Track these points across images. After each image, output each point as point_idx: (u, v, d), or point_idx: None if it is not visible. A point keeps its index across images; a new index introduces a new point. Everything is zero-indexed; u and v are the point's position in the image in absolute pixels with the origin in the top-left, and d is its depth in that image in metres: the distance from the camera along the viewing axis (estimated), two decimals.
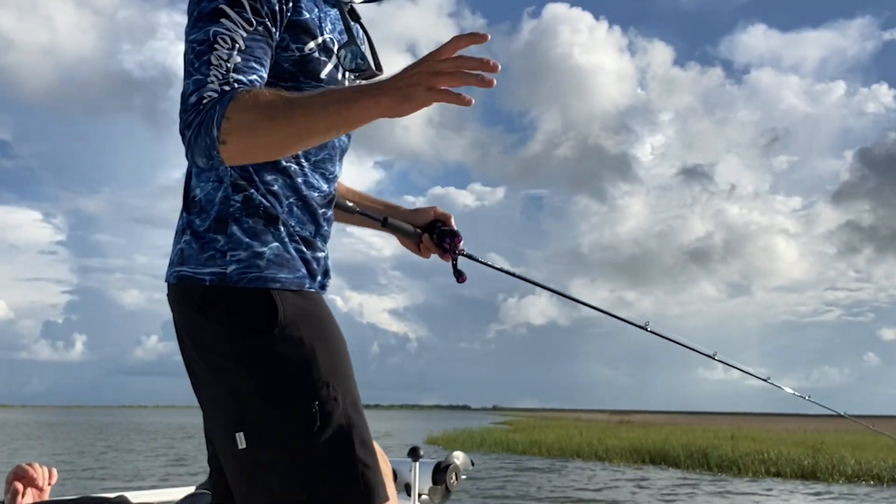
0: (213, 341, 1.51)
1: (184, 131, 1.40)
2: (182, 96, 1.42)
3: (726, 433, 28.23)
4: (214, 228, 1.53)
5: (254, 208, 1.53)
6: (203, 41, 1.42)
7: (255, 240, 1.52)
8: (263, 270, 1.51)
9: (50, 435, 38.93)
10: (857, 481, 16.36)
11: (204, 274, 1.51)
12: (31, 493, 1.96)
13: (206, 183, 1.55)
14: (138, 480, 15.23)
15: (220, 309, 1.50)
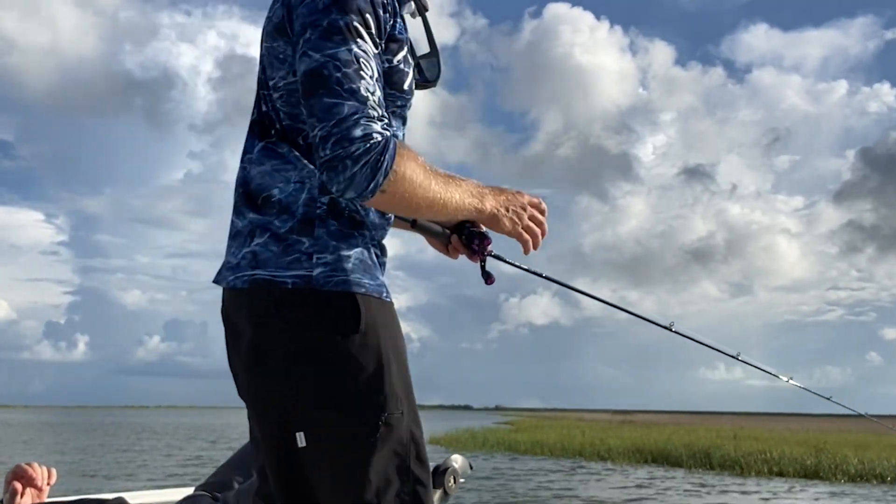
0: (289, 343, 1.49)
1: (345, 160, 1.39)
2: (333, 114, 1.41)
3: (729, 433, 28.18)
4: (299, 230, 1.51)
5: (340, 211, 1.53)
6: (347, 61, 1.44)
7: (341, 243, 1.52)
8: (349, 274, 1.50)
9: (52, 435, 38.95)
10: (860, 481, 16.32)
11: (286, 277, 1.49)
12: (31, 493, 1.95)
13: (285, 184, 1.54)
14: (139, 481, 15.22)
15: (302, 312, 1.49)
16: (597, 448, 23.45)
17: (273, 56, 1.57)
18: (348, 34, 1.45)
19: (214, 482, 1.99)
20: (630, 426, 37.54)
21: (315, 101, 1.43)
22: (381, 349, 1.51)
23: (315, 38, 1.45)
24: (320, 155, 1.42)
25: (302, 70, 1.46)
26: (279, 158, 1.56)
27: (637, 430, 33.01)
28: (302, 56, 1.47)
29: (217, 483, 1.97)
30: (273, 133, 1.58)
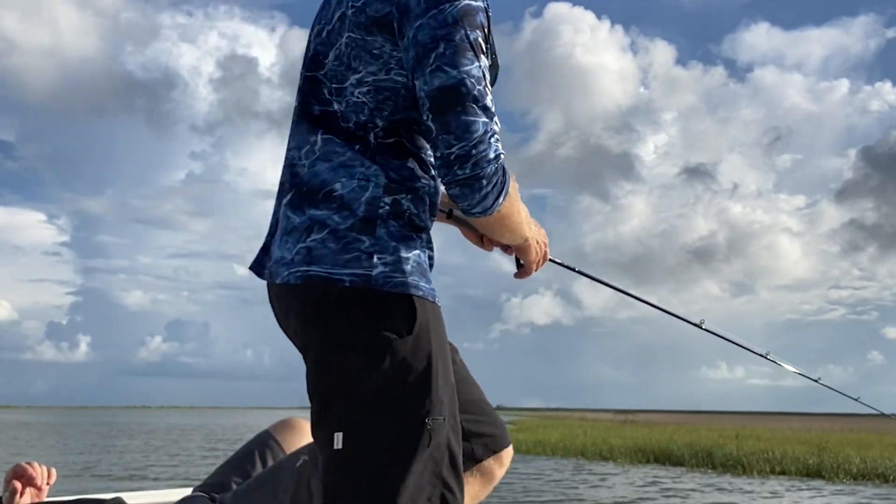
0: (341, 342, 1.48)
1: (482, 180, 1.45)
2: (473, 134, 1.44)
3: (731, 432, 28.17)
4: (359, 228, 1.50)
5: (401, 213, 1.52)
6: (479, 79, 1.46)
7: (401, 244, 1.51)
8: (408, 276, 1.50)
9: (54, 436, 38.98)
10: (862, 480, 16.30)
11: (343, 275, 1.47)
12: (30, 492, 1.94)
13: (348, 179, 1.52)
14: (141, 481, 15.22)
15: (359, 310, 1.47)
16: (599, 448, 23.43)
17: (364, 49, 1.53)
18: (477, 50, 1.46)
19: (213, 483, 1.98)
20: (632, 426, 37.52)
21: (452, 119, 1.44)
22: (431, 353, 1.50)
23: (450, 54, 1.45)
24: (457, 173, 1.45)
25: (436, 85, 1.45)
26: (345, 155, 1.54)
27: (639, 429, 32.99)
28: (436, 70, 1.45)
29: (215, 484, 1.96)
30: (341, 128, 1.56)
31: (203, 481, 2.02)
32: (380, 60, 1.53)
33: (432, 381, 1.50)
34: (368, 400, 1.46)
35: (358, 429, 1.46)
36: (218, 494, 1.88)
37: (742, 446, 20.90)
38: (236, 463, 2.04)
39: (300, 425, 2.15)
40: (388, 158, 1.54)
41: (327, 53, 1.58)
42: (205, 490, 1.94)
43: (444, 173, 1.47)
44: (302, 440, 2.06)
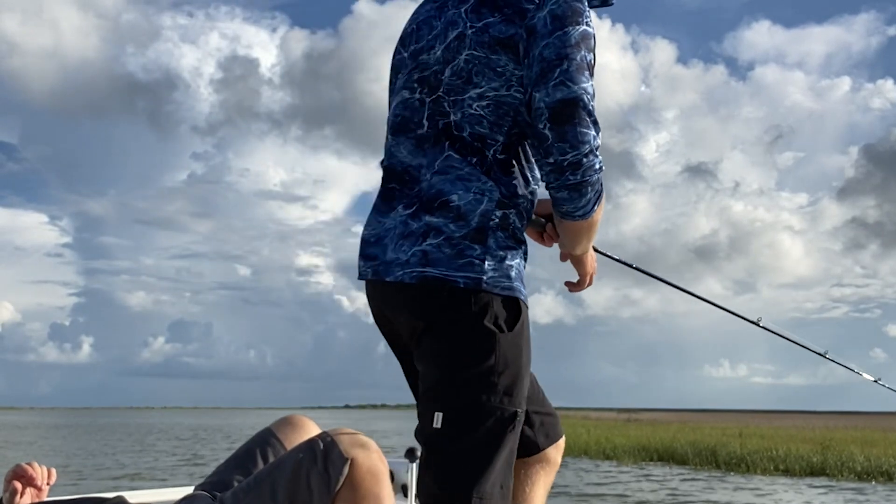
0: (453, 334, 1.67)
1: (588, 186, 1.65)
2: (584, 145, 1.62)
3: (734, 431, 28.17)
4: (472, 237, 1.68)
5: (508, 225, 1.71)
6: (593, 95, 1.65)
7: (507, 253, 1.71)
8: (513, 281, 1.71)
9: (58, 437, 39.05)
10: (866, 478, 16.28)
11: (457, 277, 1.66)
12: (30, 492, 1.93)
13: (464, 192, 1.69)
14: (143, 480, 15.24)
15: (470, 308, 1.66)
16: (602, 446, 23.43)
17: (488, 67, 1.69)
18: (592, 70, 1.66)
19: (214, 481, 1.97)
20: (635, 424, 37.52)
21: (569, 129, 1.62)
22: (524, 350, 1.72)
23: (572, 71, 1.62)
24: (568, 178, 1.64)
25: (558, 97, 1.61)
26: (463, 169, 1.70)
27: (642, 428, 32.99)
28: (559, 84, 1.62)
29: (217, 482, 1.95)
30: (457, 138, 1.72)
31: (205, 479, 2.01)
32: (502, 77, 1.69)
33: (524, 376, 1.71)
34: (471, 386, 1.65)
35: (457, 412, 1.66)
36: (219, 492, 1.87)
37: (745, 444, 20.89)
38: (238, 461, 2.03)
39: (302, 423, 2.14)
40: (500, 175, 1.71)
41: (443, 70, 1.73)
42: (206, 488, 1.93)
43: (556, 178, 1.65)
44: (303, 438, 2.04)
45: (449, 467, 1.66)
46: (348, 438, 1.80)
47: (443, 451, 1.67)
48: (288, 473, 1.76)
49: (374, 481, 1.76)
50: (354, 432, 1.86)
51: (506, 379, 1.66)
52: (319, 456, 1.76)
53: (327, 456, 1.75)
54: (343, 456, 1.75)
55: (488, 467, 1.64)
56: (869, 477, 16.38)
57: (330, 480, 1.74)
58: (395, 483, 2.47)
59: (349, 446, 1.77)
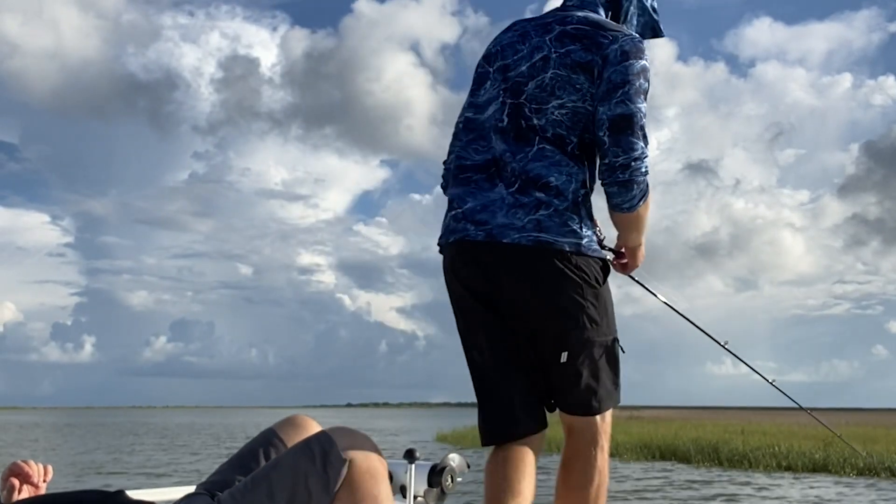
0: (563, 287, 2.21)
1: (633, 184, 2.18)
2: (634, 151, 2.16)
3: (736, 428, 28.13)
4: (572, 209, 2.21)
5: (588, 203, 2.27)
6: (645, 114, 2.18)
7: (591, 222, 2.28)
8: (597, 248, 2.29)
9: (61, 436, 39.07)
10: (869, 474, 16.27)
11: (564, 242, 2.19)
12: (27, 489, 1.93)
13: (559, 175, 2.21)
14: (145, 479, 15.25)
15: (574, 265, 2.21)
16: None
17: (569, 84, 2.22)
18: (645, 96, 2.18)
19: (215, 481, 1.97)
20: (637, 422, 37.46)
21: (623, 137, 2.16)
22: (609, 296, 2.33)
23: (632, 93, 2.17)
24: (618, 176, 2.17)
25: (618, 112, 2.16)
26: (555, 157, 2.21)
27: (644, 425, 32.96)
28: (620, 102, 2.16)
29: (218, 482, 1.95)
30: (545, 137, 2.23)
31: (206, 479, 2.01)
32: (580, 92, 2.21)
33: (614, 316, 2.34)
34: (582, 326, 2.24)
35: (577, 347, 2.25)
36: (220, 492, 1.87)
37: (748, 441, 20.88)
38: (240, 461, 2.03)
39: (304, 423, 2.14)
40: (579, 163, 2.24)
41: (527, 83, 2.27)
42: (207, 488, 1.93)
43: (608, 175, 2.19)
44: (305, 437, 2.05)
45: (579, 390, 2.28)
46: (347, 439, 1.80)
47: (571, 381, 2.28)
48: (286, 474, 1.76)
49: (373, 482, 1.76)
50: (353, 432, 1.86)
51: (607, 319, 2.29)
52: (318, 457, 1.75)
53: (326, 457, 1.75)
54: (341, 457, 1.75)
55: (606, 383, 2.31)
56: (871, 473, 16.36)
57: (328, 482, 1.73)
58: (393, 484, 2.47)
59: (347, 446, 1.77)
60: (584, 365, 2.26)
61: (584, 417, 2.31)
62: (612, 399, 2.34)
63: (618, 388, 2.35)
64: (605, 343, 2.29)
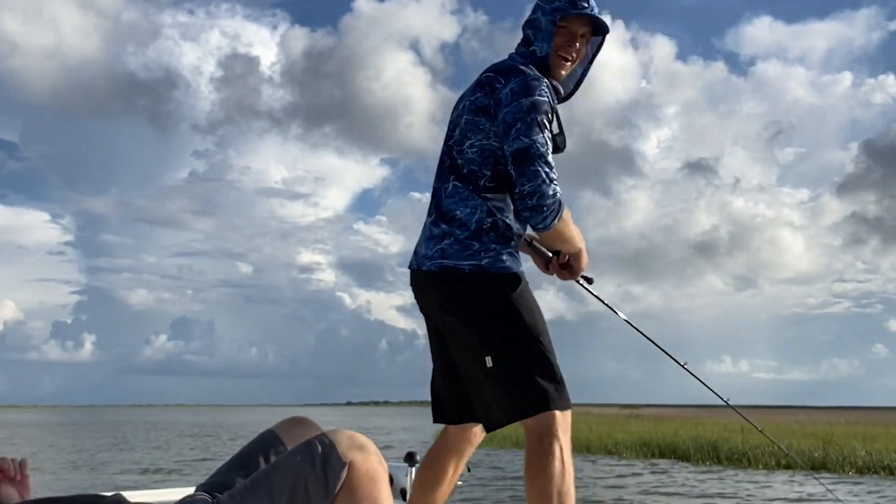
0: (472, 303, 2.47)
1: (543, 208, 2.41)
2: (537, 178, 2.40)
3: (736, 426, 28.10)
4: (473, 237, 2.49)
5: (497, 229, 2.50)
6: (542, 143, 2.42)
7: (498, 246, 2.50)
8: (505, 262, 2.50)
9: (61, 435, 39.08)
10: (868, 473, 16.29)
11: (464, 265, 2.48)
12: (7, 484, 1.91)
13: (464, 208, 2.52)
14: (145, 479, 15.25)
15: (475, 283, 2.47)
16: (604, 442, 23.44)
17: (475, 126, 2.54)
18: (541, 127, 2.43)
19: (215, 482, 1.97)
20: (637, 420, 37.50)
21: (525, 168, 2.41)
22: (528, 302, 2.51)
23: (524, 129, 2.42)
24: (527, 202, 2.41)
25: (516, 147, 2.42)
26: (464, 193, 2.53)
27: (644, 423, 32.99)
28: (515, 138, 2.43)
29: (218, 483, 1.95)
30: (461, 174, 2.55)
31: (206, 480, 2.01)
32: (483, 132, 2.53)
33: (537, 317, 2.50)
34: (500, 332, 2.44)
35: (498, 353, 2.43)
36: (220, 493, 1.87)
37: (747, 440, 20.88)
38: (240, 462, 2.03)
39: (305, 424, 2.14)
40: (489, 196, 2.51)
41: (454, 129, 2.62)
42: (207, 489, 1.93)
43: (520, 202, 2.44)
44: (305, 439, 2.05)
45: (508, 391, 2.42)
46: (347, 441, 1.79)
47: (499, 383, 2.43)
48: (286, 477, 1.76)
49: (373, 485, 1.75)
50: (354, 434, 1.84)
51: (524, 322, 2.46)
52: (318, 459, 1.75)
53: (325, 460, 1.75)
54: (341, 459, 1.75)
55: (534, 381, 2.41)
56: (870, 471, 16.39)
57: (328, 485, 1.73)
58: (394, 487, 2.47)
59: (347, 449, 1.76)
60: (503, 370, 2.43)
61: (531, 419, 2.42)
62: (546, 397, 2.42)
63: (552, 383, 2.44)
64: (521, 347, 2.44)
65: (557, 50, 2.61)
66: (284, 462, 1.80)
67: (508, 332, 2.45)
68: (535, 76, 2.50)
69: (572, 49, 2.62)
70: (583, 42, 2.65)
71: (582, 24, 2.60)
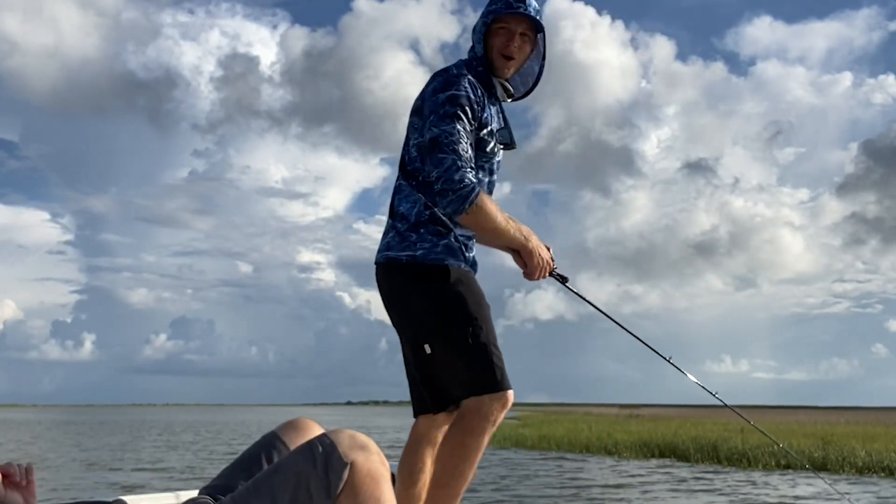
0: (408, 293, 2.64)
1: (449, 192, 2.52)
2: (443, 165, 2.54)
3: (736, 426, 28.12)
4: (412, 229, 2.65)
5: (435, 220, 2.64)
6: (451, 133, 2.55)
7: (434, 237, 2.64)
8: (439, 255, 2.63)
9: (62, 434, 39.07)
10: (867, 473, 16.29)
11: (402, 255, 2.64)
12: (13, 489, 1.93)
13: (406, 203, 2.68)
14: (144, 478, 15.26)
15: (412, 274, 2.62)
16: (604, 442, 23.43)
17: (412, 126, 2.71)
18: (454, 118, 2.57)
19: (218, 485, 1.97)
20: (637, 420, 37.52)
21: (433, 156, 2.57)
22: (462, 292, 2.62)
23: (436, 119, 2.58)
24: (435, 187, 2.55)
25: (427, 137, 2.59)
26: (406, 189, 2.70)
27: (644, 424, 33.00)
28: (428, 128, 2.59)
29: (220, 486, 1.96)
30: (406, 171, 2.72)
31: (209, 483, 2.02)
32: (418, 131, 2.69)
33: (467, 306, 2.61)
34: (436, 320, 2.60)
35: (434, 339, 2.61)
36: (223, 496, 1.88)
37: (747, 440, 20.89)
38: (242, 465, 2.04)
39: (306, 426, 2.14)
40: (427, 190, 2.64)
41: (407, 131, 2.76)
42: (210, 492, 1.94)
43: (430, 189, 2.60)
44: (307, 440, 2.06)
45: (450, 373, 2.59)
46: (348, 440, 1.79)
47: (440, 367, 2.61)
48: (287, 479, 1.76)
49: (375, 485, 1.76)
50: (355, 434, 1.84)
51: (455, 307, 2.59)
52: (319, 460, 1.75)
53: (327, 460, 1.75)
54: (343, 460, 1.75)
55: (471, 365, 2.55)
56: (870, 472, 16.39)
57: (330, 486, 1.73)
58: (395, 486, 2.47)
59: (349, 449, 1.77)
60: (441, 356, 2.59)
61: (468, 401, 2.57)
62: (481, 383, 2.56)
63: (486, 369, 2.57)
64: (456, 335, 2.57)
65: (499, 49, 2.72)
66: (286, 463, 1.81)
67: (443, 321, 2.58)
68: (456, 73, 2.66)
69: (511, 47, 2.71)
70: (525, 40, 2.73)
71: (518, 23, 2.70)
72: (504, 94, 2.80)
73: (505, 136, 2.75)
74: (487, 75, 2.73)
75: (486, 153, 2.70)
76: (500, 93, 2.79)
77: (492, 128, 2.69)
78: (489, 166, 2.76)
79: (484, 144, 2.67)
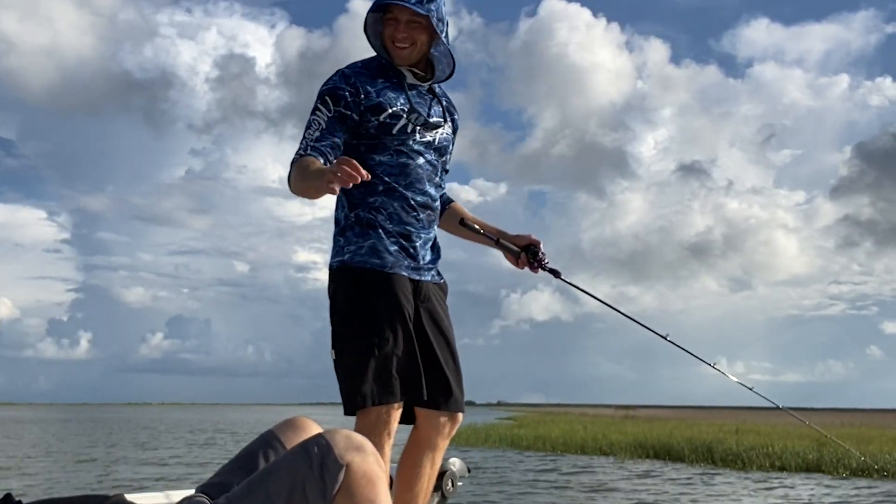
0: (331, 297, 2.65)
1: (290, 174, 2.54)
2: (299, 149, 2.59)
3: (731, 427, 28.18)
4: (340, 233, 2.69)
5: (359, 220, 2.65)
6: (308, 122, 2.63)
7: (360, 239, 2.64)
8: (363, 256, 2.61)
9: (58, 433, 38.99)
10: (862, 475, 16.31)
11: (333, 262, 2.68)
12: None
13: (339, 210, 2.71)
14: (141, 477, 15.24)
15: (338, 279, 2.64)
16: (599, 443, 23.43)
17: None
18: (314, 111, 2.65)
19: (213, 483, 1.97)
20: (632, 421, 37.52)
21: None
22: (382, 298, 2.57)
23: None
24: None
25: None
26: (340, 196, 2.70)
27: (639, 424, 33.00)
28: None
29: (216, 485, 1.95)
30: None
31: (206, 481, 2.02)
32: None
33: (381, 313, 2.56)
34: (342, 327, 2.60)
35: (339, 345, 2.59)
36: (219, 496, 1.88)
37: (742, 441, 20.90)
38: (240, 463, 2.04)
39: (304, 425, 2.14)
40: (353, 194, 2.65)
41: None
42: (206, 490, 1.93)
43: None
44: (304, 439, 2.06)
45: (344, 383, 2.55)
46: (344, 441, 1.78)
47: (339, 374, 2.57)
48: (283, 480, 1.75)
49: (370, 486, 1.75)
50: (350, 434, 1.84)
51: (362, 318, 2.56)
52: (315, 462, 1.74)
53: (322, 462, 1.74)
54: (338, 461, 1.74)
55: (364, 376, 2.51)
56: (864, 473, 16.41)
57: (325, 488, 1.72)
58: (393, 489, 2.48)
59: (344, 450, 1.76)
60: (338, 365, 2.59)
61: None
62: (355, 400, 2.53)
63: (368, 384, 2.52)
64: (353, 343, 2.56)
65: (391, 39, 2.72)
66: (281, 464, 1.80)
67: (346, 328, 2.58)
68: (340, 70, 2.73)
69: (398, 35, 2.70)
70: (413, 27, 2.70)
71: (401, 12, 2.69)
72: (416, 79, 2.76)
73: (418, 117, 2.69)
74: (391, 64, 2.74)
75: (395, 135, 2.66)
76: (410, 78, 2.75)
77: (394, 110, 2.66)
78: (408, 147, 2.69)
79: (388, 128, 2.65)
